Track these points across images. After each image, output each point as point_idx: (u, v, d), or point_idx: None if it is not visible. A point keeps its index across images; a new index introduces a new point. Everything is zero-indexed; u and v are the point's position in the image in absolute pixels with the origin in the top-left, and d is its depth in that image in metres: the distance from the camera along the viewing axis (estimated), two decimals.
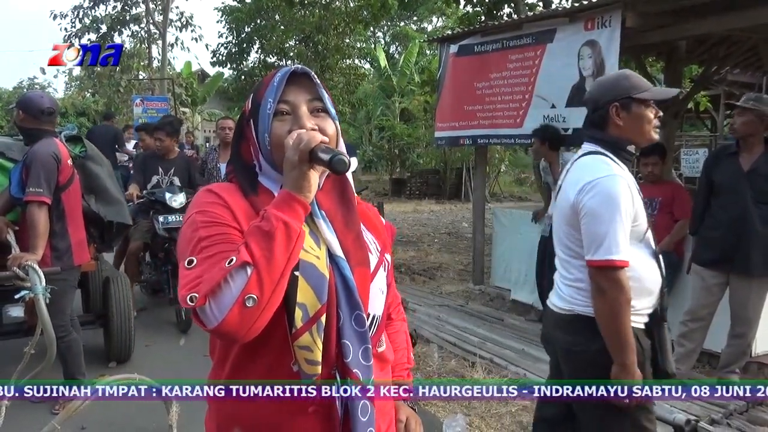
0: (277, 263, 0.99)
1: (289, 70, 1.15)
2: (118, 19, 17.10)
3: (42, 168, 3.18)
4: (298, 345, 1.07)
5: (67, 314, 3.47)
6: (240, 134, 1.22)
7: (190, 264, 1.03)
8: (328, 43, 12.83)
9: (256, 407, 1.13)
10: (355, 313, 1.12)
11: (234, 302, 0.96)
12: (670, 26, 4.68)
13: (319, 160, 1.03)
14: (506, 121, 5.38)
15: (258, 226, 1.01)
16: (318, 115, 1.16)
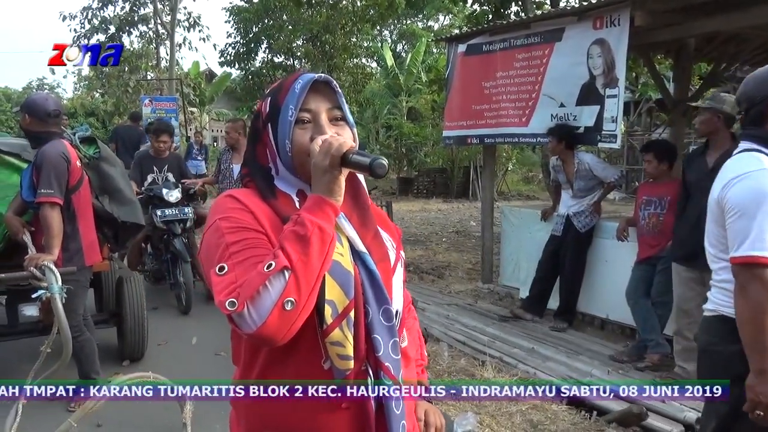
0: (313, 266, 1.01)
1: (312, 78, 1.16)
2: (126, 20, 17.21)
3: (53, 169, 3.21)
4: (329, 341, 1.09)
5: (80, 314, 3.51)
6: (255, 137, 1.23)
7: (222, 270, 1.04)
8: (336, 42, 12.86)
9: (288, 408, 1.14)
10: (383, 307, 1.14)
11: (273, 306, 0.98)
12: (679, 24, 4.67)
13: (356, 164, 1.05)
14: (512, 120, 5.39)
15: (293, 230, 1.03)
16: (337, 123, 1.18)
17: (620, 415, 3.28)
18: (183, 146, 13.63)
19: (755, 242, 1.74)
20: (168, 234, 5.48)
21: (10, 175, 3.71)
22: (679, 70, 6.46)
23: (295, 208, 1.15)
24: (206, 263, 1.11)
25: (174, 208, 5.46)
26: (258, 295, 0.99)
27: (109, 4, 17.00)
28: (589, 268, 4.83)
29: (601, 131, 4.60)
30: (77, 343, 3.35)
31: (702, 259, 3.54)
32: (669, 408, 3.33)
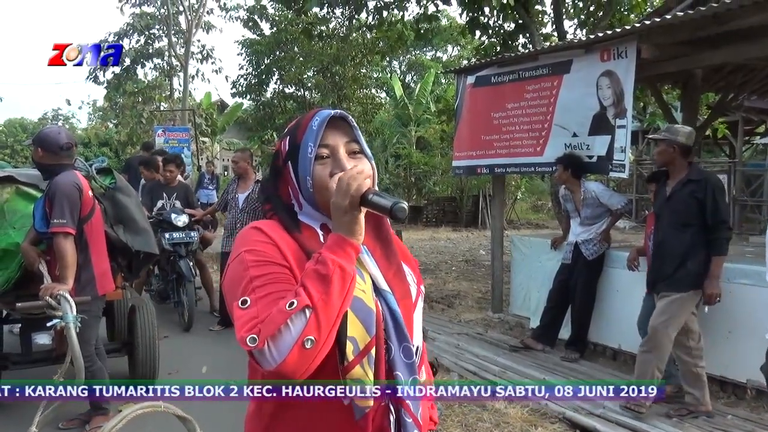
0: (333, 305, 1.02)
1: (328, 114, 1.18)
2: (141, 53, 17.60)
3: (65, 199, 3.24)
4: (350, 378, 1.09)
5: (92, 344, 3.51)
6: (276, 175, 1.24)
7: (245, 304, 1.05)
8: (346, 73, 13.06)
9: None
10: (403, 344, 1.15)
11: (294, 345, 0.99)
12: (686, 56, 4.73)
13: (375, 205, 1.06)
14: (527, 150, 5.44)
15: (315, 270, 1.03)
16: (355, 156, 1.20)
17: None
18: (195, 176, 13.78)
19: None
20: (174, 256, 5.88)
21: (27, 205, 3.77)
22: (686, 100, 6.52)
23: (319, 241, 1.16)
24: (229, 294, 1.12)
25: (181, 231, 5.89)
26: (279, 333, 0.99)
27: (125, 37, 17.42)
28: (600, 297, 4.81)
29: (612, 161, 4.64)
30: (89, 373, 3.34)
31: (667, 282, 3.66)
32: None
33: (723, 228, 3.52)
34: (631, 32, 4.42)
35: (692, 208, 3.57)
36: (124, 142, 19.36)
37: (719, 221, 3.51)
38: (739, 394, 3.94)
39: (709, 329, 3.97)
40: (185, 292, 5.85)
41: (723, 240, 3.52)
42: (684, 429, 3.45)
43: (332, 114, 1.19)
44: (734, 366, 3.87)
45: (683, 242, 3.60)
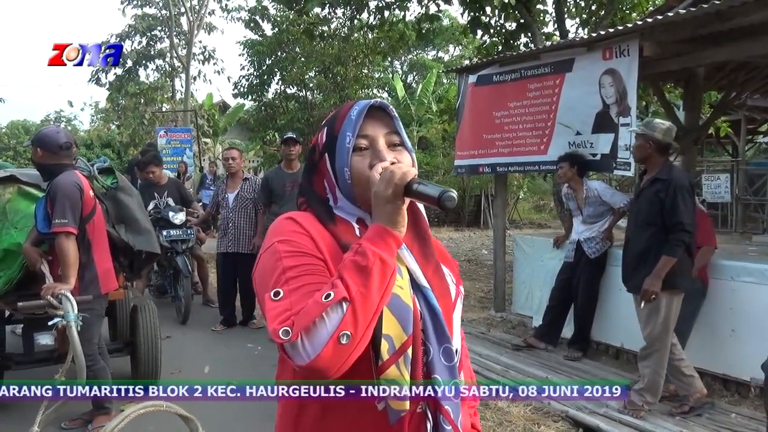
0: (372, 299, 0.96)
1: (368, 104, 1.14)
2: (143, 54, 17.64)
3: (67, 199, 3.25)
4: (384, 379, 1.03)
5: (95, 343, 3.52)
6: (312, 168, 1.20)
7: (277, 296, 1.00)
8: (347, 73, 13.04)
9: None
10: (443, 346, 1.09)
11: (329, 339, 0.93)
12: (688, 54, 4.72)
13: (422, 195, 1.01)
14: (530, 149, 5.43)
15: (354, 261, 0.98)
16: (395, 149, 1.15)
17: None
18: (197, 176, 13.78)
19: None
20: (171, 252, 6.08)
21: (29, 205, 3.78)
22: (689, 98, 6.50)
23: (355, 235, 1.11)
24: (260, 286, 1.07)
25: (178, 229, 6.12)
26: (314, 326, 0.94)
27: (127, 38, 17.45)
28: (603, 296, 4.80)
29: (617, 159, 4.63)
30: (91, 372, 3.35)
31: (631, 282, 3.66)
32: None
33: (677, 229, 3.44)
34: (633, 30, 4.41)
35: (655, 207, 3.53)
36: (127, 143, 19.41)
37: (675, 222, 3.45)
38: (742, 392, 3.93)
39: (713, 327, 3.96)
40: (182, 287, 6.08)
41: (676, 242, 3.45)
42: (688, 428, 3.43)
43: (371, 103, 1.15)
44: (738, 364, 3.86)
45: (643, 241, 3.60)
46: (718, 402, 3.88)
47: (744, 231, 9.59)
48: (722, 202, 10.69)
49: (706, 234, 4.04)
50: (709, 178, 10.62)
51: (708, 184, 10.43)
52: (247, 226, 5.86)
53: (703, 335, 3.97)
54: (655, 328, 3.53)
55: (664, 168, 3.61)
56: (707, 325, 3.97)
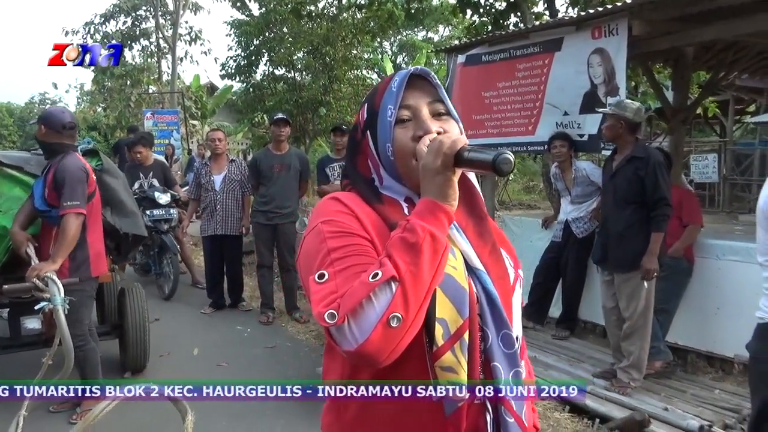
0: (423, 278, 0.90)
1: (407, 72, 1.08)
2: (128, 35, 17.36)
3: (78, 182, 3.30)
4: (439, 366, 0.97)
5: (86, 324, 3.53)
6: (354, 148, 1.15)
7: (322, 278, 0.95)
8: (336, 54, 12.90)
9: None
10: (502, 332, 1.02)
11: (378, 322, 0.87)
12: (677, 33, 4.70)
13: (474, 162, 0.94)
14: (518, 129, 5.41)
15: (402, 237, 0.92)
16: (440, 118, 1.09)
17: (622, 422, 3.27)
18: (185, 159, 13.68)
19: None
20: (155, 231, 6.26)
21: (12, 188, 3.73)
22: (677, 78, 6.48)
23: (403, 214, 1.05)
24: (304, 268, 1.02)
25: (162, 209, 6.31)
26: (361, 308, 0.88)
27: (111, 19, 17.16)
28: (590, 275, 4.83)
29: (604, 139, 4.62)
30: (81, 353, 3.36)
31: (609, 263, 3.71)
32: (671, 415, 3.32)
33: (662, 205, 3.51)
34: (622, 9, 4.38)
35: (634, 185, 3.58)
36: (113, 125, 19.17)
37: (658, 198, 3.51)
38: (726, 369, 3.98)
39: (698, 305, 4.01)
40: (170, 263, 6.28)
41: (662, 217, 3.52)
42: (672, 403, 3.48)
43: (411, 71, 1.09)
44: (722, 341, 3.91)
45: (624, 219, 3.63)
46: (702, 378, 3.94)
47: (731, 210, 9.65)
48: (710, 182, 10.76)
49: (692, 213, 4.08)
50: (698, 158, 10.68)
51: (696, 164, 10.48)
52: (235, 208, 5.84)
53: (688, 313, 4.01)
54: (638, 306, 3.58)
55: (638, 146, 3.67)
56: (693, 303, 4.01)
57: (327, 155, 6.24)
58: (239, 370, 4.37)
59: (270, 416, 3.50)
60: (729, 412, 3.38)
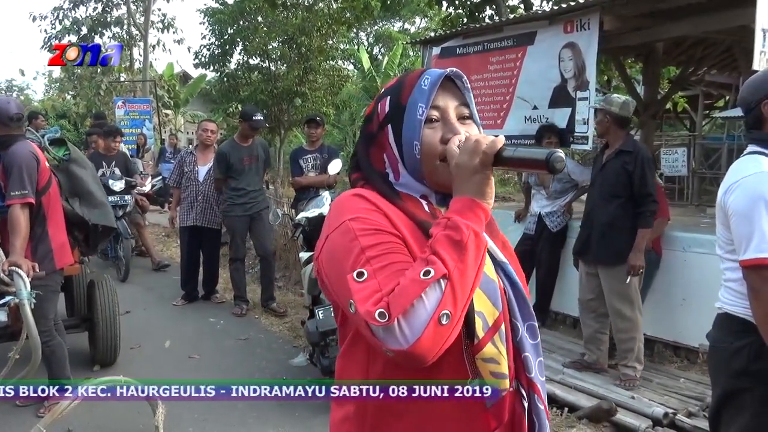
0: (469, 275, 0.91)
1: (442, 74, 1.07)
2: (99, 21, 16.98)
3: (25, 168, 3.15)
4: (481, 358, 0.99)
5: (51, 319, 3.45)
6: (369, 140, 1.13)
7: (361, 277, 0.93)
8: (311, 44, 12.82)
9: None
10: (528, 323, 1.06)
11: (429, 320, 0.87)
12: (647, 29, 4.78)
13: (522, 160, 0.97)
14: (487, 122, 5.44)
15: (447, 235, 0.93)
16: (465, 122, 1.09)
17: (591, 411, 3.34)
18: (157, 148, 13.47)
19: (760, 245, 1.76)
20: None
21: None
22: (648, 73, 6.60)
23: (424, 211, 1.06)
24: (333, 267, 1.00)
25: (116, 195, 6.51)
26: (412, 307, 0.87)
27: (81, 4, 16.77)
28: (561, 267, 4.90)
29: (574, 133, 4.68)
30: (48, 348, 3.30)
31: (591, 254, 3.78)
32: (637, 403, 3.40)
33: (648, 201, 3.57)
34: (594, 4, 4.42)
35: (621, 179, 3.62)
36: (83, 114, 18.81)
37: (645, 194, 3.57)
38: (691, 358, 4.09)
39: (664, 296, 4.10)
40: (122, 247, 6.66)
41: (648, 213, 3.58)
42: (638, 392, 3.56)
43: (446, 73, 1.07)
44: (687, 331, 4.01)
45: (609, 213, 3.69)
46: (668, 368, 4.04)
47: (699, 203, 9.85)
48: (679, 175, 10.96)
49: (661, 206, 4.15)
50: (668, 152, 10.86)
51: (666, 158, 10.66)
52: (216, 202, 5.79)
53: (655, 304, 4.10)
54: (627, 302, 3.65)
55: (627, 141, 3.71)
56: (660, 295, 4.10)
57: (301, 146, 6.23)
58: (211, 362, 4.34)
59: (242, 408, 3.49)
60: (693, 400, 3.47)
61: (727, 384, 1.93)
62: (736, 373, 1.88)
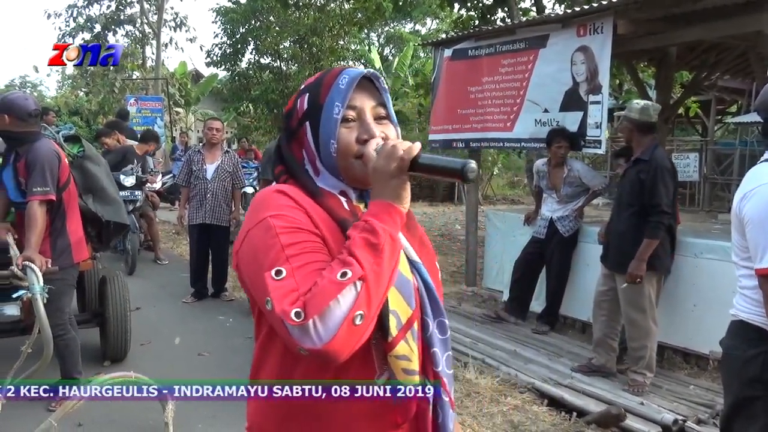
0: (384, 277, 0.95)
1: (359, 73, 1.09)
2: (112, 19, 17.13)
3: (47, 166, 3.21)
4: (394, 355, 1.02)
5: (66, 313, 3.49)
6: (291, 135, 1.14)
7: (279, 275, 0.94)
8: (323, 44, 12.87)
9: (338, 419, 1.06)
10: (438, 319, 1.09)
11: (343, 320, 0.89)
12: (661, 33, 4.76)
13: (435, 168, 0.99)
14: (497, 125, 5.45)
15: (365, 238, 0.95)
16: (381, 122, 1.11)
17: (599, 416, 3.32)
18: (168, 147, 13.55)
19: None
20: None
21: None
22: (661, 78, 6.57)
23: (345, 210, 1.08)
24: (252, 263, 1.01)
25: (127, 191, 6.69)
26: (328, 307, 0.90)
27: (95, 2, 16.92)
28: (571, 272, 4.89)
29: (586, 137, 4.67)
30: (62, 342, 3.34)
31: (611, 259, 3.77)
32: (647, 409, 3.38)
33: (655, 212, 3.51)
34: (608, 7, 4.42)
35: (636, 188, 3.59)
36: (96, 111, 18.92)
37: (653, 204, 3.51)
38: (702, 365, 4.06)
39: (675, 302, 4.07)
40: (130, 241, 6.76)
41: (655, 224, 3.51)
42: (647, 398, 3.55)
43: (363, 73, 1.09)
44: (697, 338, 3.99)
45: (623, 222, 3.68)
46: (677, 374, 4.02)
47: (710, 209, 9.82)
48: (691, 180, 10.91)
49: None
50: (679, 157, 10.81)
51: (678, 163, 10.62)
52: (224, 200, 5.82)
53: (666, 310, 4.08)
54: (639, 310, 3.63)
55: (647, 149, 3.63)
56: (670, 300, 4.08)
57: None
58: (221, 360, 4.36)
59: None
60: (703, 408, 3.45)
61: (740, 392, 1.92)
62: (749, 380, 1.87)
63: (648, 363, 3.67)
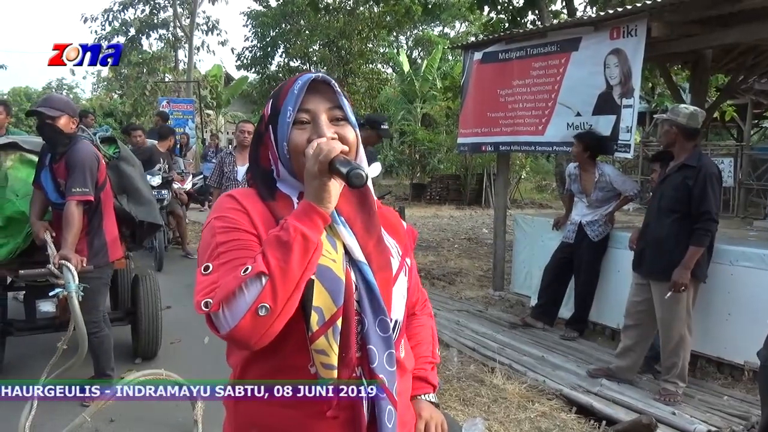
0: (292, 274, 1.00)
1: (309, 78, 1.14)
2: (146, 23, 17.48)
3: (88, 168, 3.32)
4: (314, 348, 1.08)
5: (101, 311, 3.58)
6: (259, 139, 1.22)
7: (207, 270, 1.05)
8: (352, 47, 12.95)
9: (273, 409, 1.13)
10: (379, 318, 1.13)
11: (247, 310, 0.98)
12: (696, 36, 4.67)
13: (338, 172, 1.03)
14: (528, 129, 5.40)
15: (276, 236, 1.02)
16: (338, 123, 1.16)
17: (630, 425, 3.27)
18: (199, 149, 13.76)
19: None
20: None
21: (31, 173, 3.77)
22: (695, 81, 6.43)
23: (292, 210, 1.13)
24: (198, 261, 1.12)
25: (154, 190, 6.54)
26: (233, 297, 0.99)
27: (130, 6, 17.28)
28: (601, 277, 4.82)
29: (617, 141, 4.60)
30: (96, 339, 3.42)
31: (644, 267, 3.69)
32: (679, 420, 3.32)
33: (705, 219, 3.43)
34: (642, 10, 4.35)
35: (681, 194, 3.51)
36: (129, 112, 19.32)
37: (703, 212, 3.43)
38: (736, 375, 3.97)
39: (709, 311, 3.99)
40: (157, 238, 6.95)
41: (703, 231, 3.44)
42: (679, 408, 3.48)
43: (313, 77, 1.15)
44: (732, 348, 3.89)
45: (665, 228, 3.58)
46: (711, 384, 3.93)
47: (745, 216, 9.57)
48: (725, 186, 10.66)
49: None
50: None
51: None
52: None
53: (699, 318, 3.99)
54: (677, 318, 3.55)
55: (693, 154, 3.55)
56: (704, 309, 3.99)
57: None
58: None
59: None
60: (737, 419, 3.36)
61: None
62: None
63: (680, 372, 3.59)
